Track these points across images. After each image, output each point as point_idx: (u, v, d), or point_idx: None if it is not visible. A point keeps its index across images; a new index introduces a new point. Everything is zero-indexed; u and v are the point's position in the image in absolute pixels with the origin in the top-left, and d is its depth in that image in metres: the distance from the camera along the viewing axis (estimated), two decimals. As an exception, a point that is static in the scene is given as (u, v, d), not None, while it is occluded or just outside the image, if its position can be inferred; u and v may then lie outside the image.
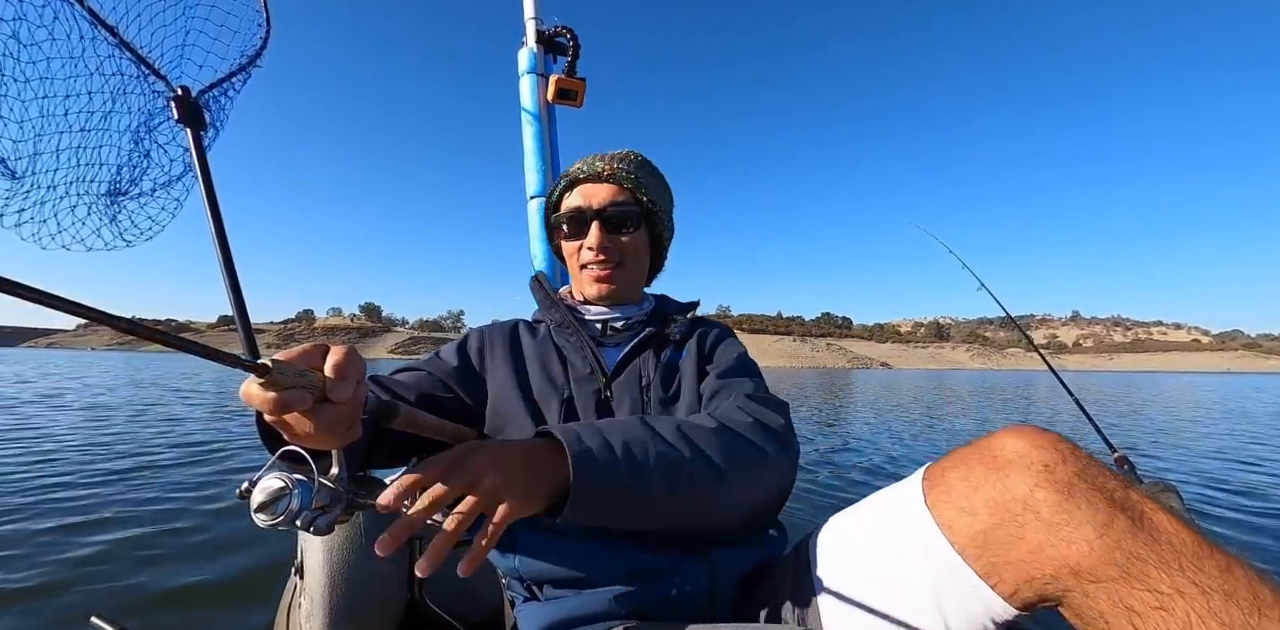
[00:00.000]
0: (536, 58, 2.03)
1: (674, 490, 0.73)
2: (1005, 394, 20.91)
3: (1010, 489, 0.59)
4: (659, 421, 0.81)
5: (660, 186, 1.15)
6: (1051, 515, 0.56)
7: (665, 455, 0.74)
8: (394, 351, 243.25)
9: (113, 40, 1.54)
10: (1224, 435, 8.62)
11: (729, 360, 1.08)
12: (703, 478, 0.76)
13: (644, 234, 1.11)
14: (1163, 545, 0.51)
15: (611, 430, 0.75)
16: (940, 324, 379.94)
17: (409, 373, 1.06)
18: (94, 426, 6.92)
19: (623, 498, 0.70)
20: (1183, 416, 12.00)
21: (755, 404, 0.93)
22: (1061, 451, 0.60)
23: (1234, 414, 12.78)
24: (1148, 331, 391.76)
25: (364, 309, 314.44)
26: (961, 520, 0.62)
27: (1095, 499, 0.55)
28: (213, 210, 1.56)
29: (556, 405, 1.00)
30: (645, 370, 1.05)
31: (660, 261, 1.21)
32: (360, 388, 0.62)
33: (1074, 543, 0.54)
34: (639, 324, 1.13)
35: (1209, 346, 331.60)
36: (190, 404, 10.13)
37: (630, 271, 1.12)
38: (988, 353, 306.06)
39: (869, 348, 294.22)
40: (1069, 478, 0.57)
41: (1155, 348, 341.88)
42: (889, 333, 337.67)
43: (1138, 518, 0.54)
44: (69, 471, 4.38)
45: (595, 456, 0.69)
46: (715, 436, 0.81)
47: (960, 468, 0.66)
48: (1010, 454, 0.62)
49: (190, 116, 1.57)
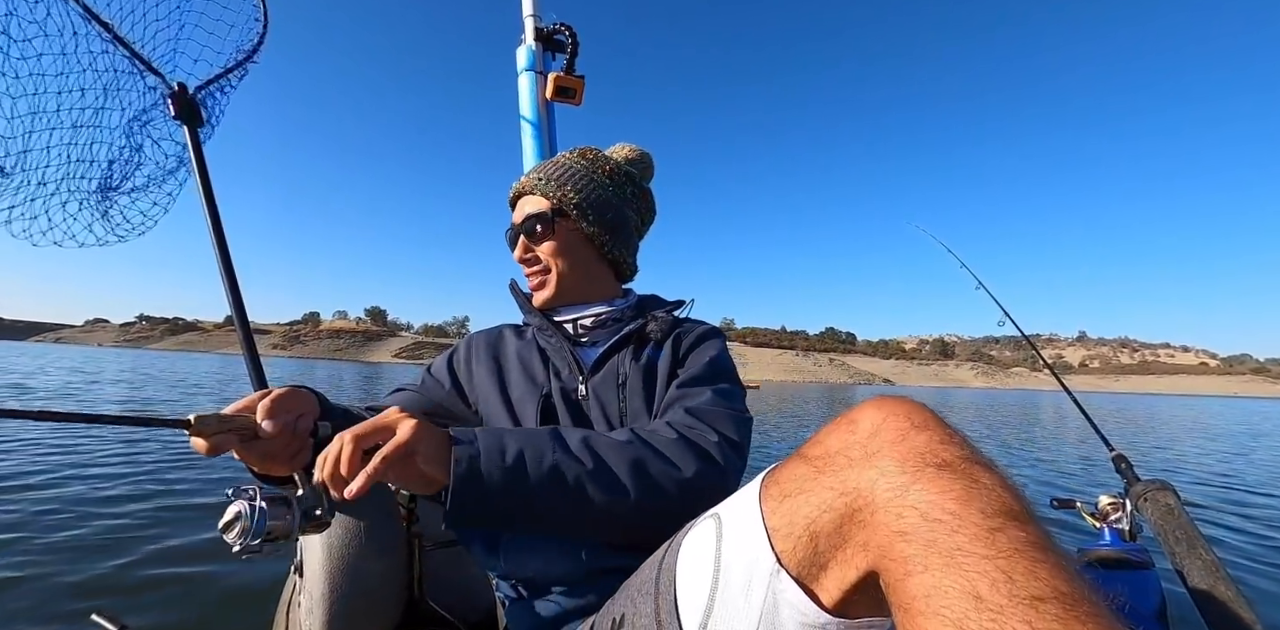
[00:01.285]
0: (535, 55, 2.04)
1: (564, 500, 0.76)
2: (1005, 412, 20.78)
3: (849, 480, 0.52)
4: (570, 433, 0.84)
5: (590, 181, 1.12)
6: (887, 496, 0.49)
7: (559, 466, 0.77)
8: (398, 356, 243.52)
9: (107, 36, 1.54)
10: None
11: (697, 366, 1.05)
12: (601, 490, 0.77)
13: (568, 235, 1.11)
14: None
15: (514, 438, 0.79)
16: (946, 342, 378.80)
17: (400, 394, 1.16)
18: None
19: (501, 501, 0.74)
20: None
21: (692, 418, 0.92)
22: (907, 425, 0.53)
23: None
24: (1155, 353, 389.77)
25: (369, 312, 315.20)
26: (783, 517, 0.55)
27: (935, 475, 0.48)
28: (210, 206, 1.56)
29: (534, 405, 1.03)
30: (623, 368, 1.05)
31: (614, 257, 1.16)
32: (303, 420, 0.78)
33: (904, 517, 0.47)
34: (614, 321, 1.13)
35: (1216, 370, 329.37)
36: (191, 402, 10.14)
37: (566, 275, 1.11)
38: (992, 371, 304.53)
39: (872, 364, 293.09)
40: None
41: (1162, 370, 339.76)
42: (893, 349, 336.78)
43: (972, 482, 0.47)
44: (70, 471, 4.37)
45: (479, 460, 0.74)
46: (622, 451, 0.82)
47: (788, 466, 0.59)
48: (835, 445, 0.56)
49: (187, 113, 1.56)
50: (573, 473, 0.77)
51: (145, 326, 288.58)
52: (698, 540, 0.61)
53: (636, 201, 1.19)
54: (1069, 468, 7.62)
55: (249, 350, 1.63)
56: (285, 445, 0.76)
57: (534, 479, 0.75)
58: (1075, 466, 7.74)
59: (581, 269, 1.13)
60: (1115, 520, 1.32)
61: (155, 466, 4.64)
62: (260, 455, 0.75)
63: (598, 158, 1.16)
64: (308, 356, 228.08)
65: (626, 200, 1.16)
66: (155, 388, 13.95)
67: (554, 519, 0.77)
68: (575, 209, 1.09)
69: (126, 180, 1.56)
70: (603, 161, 1.16)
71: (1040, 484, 6.29)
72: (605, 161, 1.16)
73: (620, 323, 1.13)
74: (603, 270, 1.17)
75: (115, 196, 1.54)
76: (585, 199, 1.10)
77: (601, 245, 1.13)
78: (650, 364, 1.06)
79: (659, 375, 1.05)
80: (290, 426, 0.76)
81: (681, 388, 1.01)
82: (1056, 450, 9.35)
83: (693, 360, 1.07)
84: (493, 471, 0.73)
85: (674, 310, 1.17)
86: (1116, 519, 1.32)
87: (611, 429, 1.01)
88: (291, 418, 0.77)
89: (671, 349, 1.08)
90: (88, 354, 48.18)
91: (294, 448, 0.77)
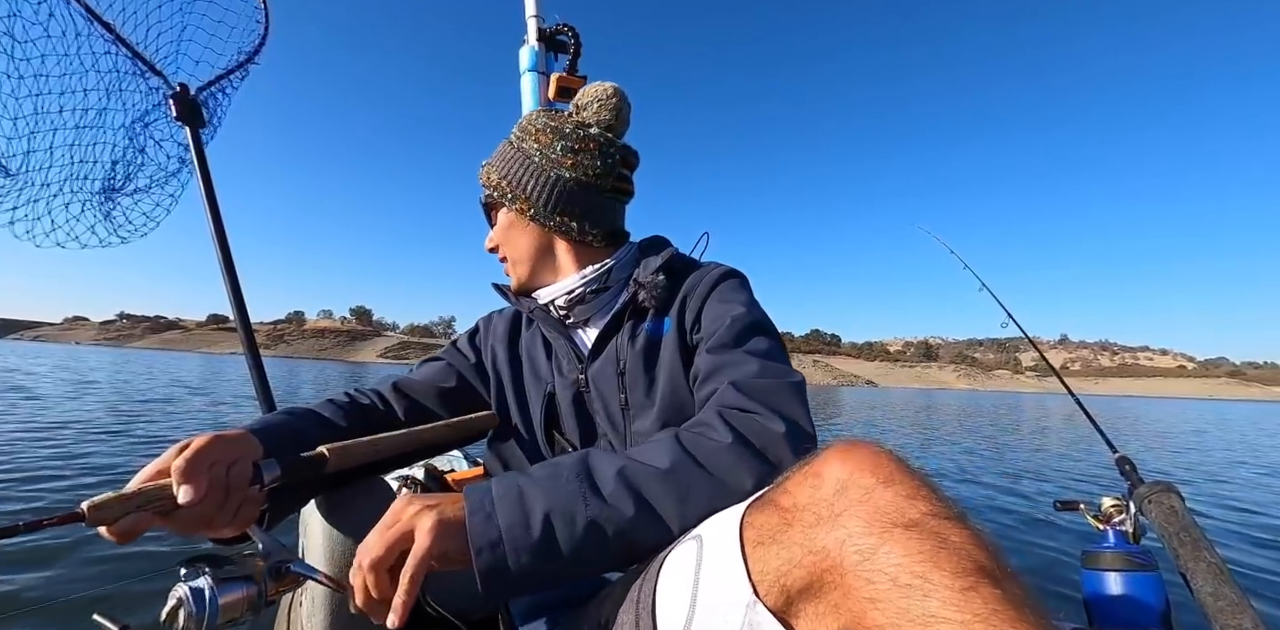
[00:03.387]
0: (538, 56, 2.04)
1: (604, 557, 0.65)
2: (990, 414, 21.02)
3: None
4: (602, 464, 0.69)
5: (515, 154, 1.01)
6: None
7: (596, 522, 0.64)
8: (383, 356, 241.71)
9: (109, 37, 1.53)
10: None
11: (724, 324, 0.89)
12: (643, 538, 0.65)
13: (506, 219, 1.04)
14: None
15: (539, 494, 0.65)
16: (930, 344, 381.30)
17: (430, 364, 1.12)
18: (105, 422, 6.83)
19: (536, 580, 0.63)
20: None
21: (747, 398, 0.76)
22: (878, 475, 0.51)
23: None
24: (1134, 356, 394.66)
25: (355, 312, 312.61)
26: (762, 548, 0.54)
27: None
28: (211, 207, 1.55)
29: (540, 400, 1.00)
30: (621, 351, 0.95)
31: (557, 225, 1.00)
32: (236, 468, 0.68)
33: None
34: (595, 293, 1.01)
35: (1194, 373, 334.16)
36: (193, 398, 10.02)
37: (517, 260, 1.05)
38: (974, 373, 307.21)
39: (856, 365, 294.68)
40: None
41: (1141, 372, 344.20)
42: (877, 351, 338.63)
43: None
44: (67, 470, 4.30)
45: (502, 546, 0.61)
46: (666, 482, 0.67)
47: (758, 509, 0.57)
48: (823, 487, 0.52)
49: (189, 114, 1.56)
50: (613, 526, 0.64)
51: (126, 324, 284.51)
52: (680, 560, 0.58)
53: (581, 156, 0.99)
54: (1062, 467, 7.72)
55: (251, 351, 1.62)
56: (217, 506, 0.66)
57: (568, 548, 0.63)
58: (1069, 465, 7.85)
59: (531, 251, 1.03)
60: (1119, 522, 1.34)
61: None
62: (191, 524, 0.66)
63: (533, 121, 1.02)
64: (292, 356, 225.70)
65: (555, 161, 0.98)
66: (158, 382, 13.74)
67: (597, 570, 0.66)
68: (496, 190, 1.02)
69: (129, 181, 1.55)
70: (534, 124, 1.02)
71: (1040, 481, 6.38)
72: (539, 122, 1.01)
73: (606, 291, 1.02)
74: (556, 244, 1.03)
75: (118, 198, 1.53)
76: (506, 177, 1.01)
77: (538, 219, 1.00)
78: (650, 342, 0.94)
79: (662, 354, 0.93)
80: (220, 482, 0.66)
81: (714, 353, 0.87)
82: (1054, 455, 9.43)
83: (714, 317, 0.91)
84: (520, 555, 0.61)
85: (669, 264, 0.99)
86: (1120, 521, 1.34)
87: (614, 426, 0.96)
88: (220, 471, 0.66)
89: (678, 316, 0.94)
90: (70, 352, 47.36)
91: (233, 504, 0.67)
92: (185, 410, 9.27)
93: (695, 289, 0.96)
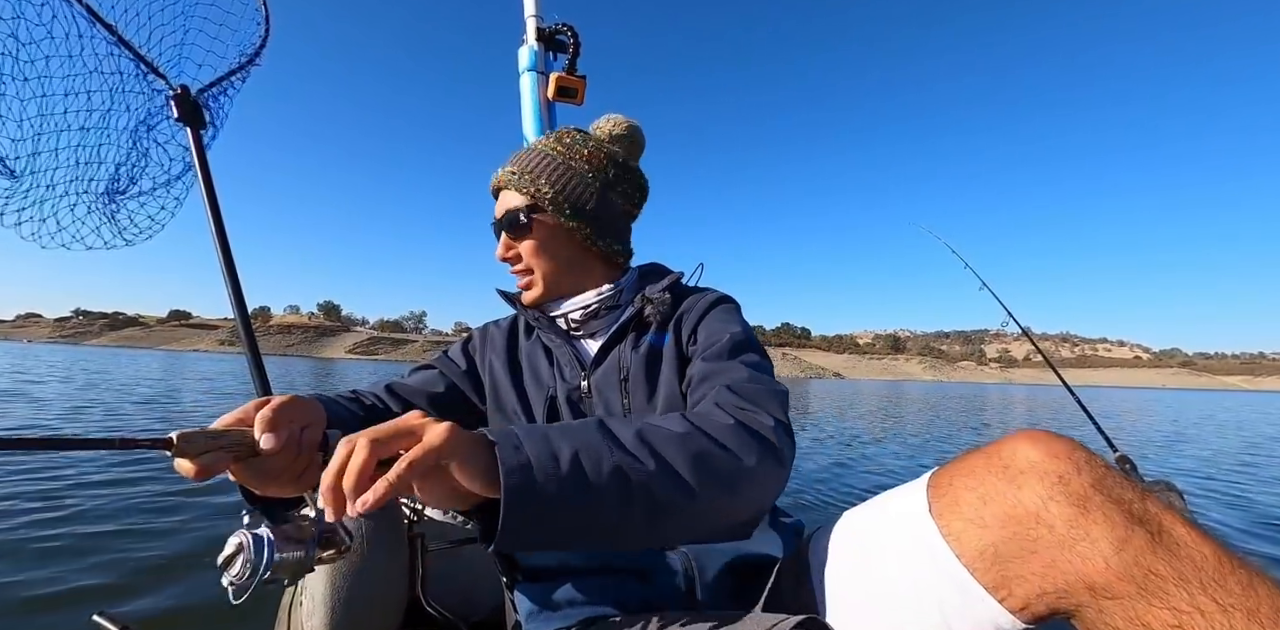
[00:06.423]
0: (537, 55, 2.04)
1: (627, 509, 0.63)
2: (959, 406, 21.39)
3: (1022, 501, 0.57)
4: (619, 425, 0.70)
5: (567, 170, 1.04)
6: (1066, 530, 0.54)
7: (620, 469, 0.63)
8: (352, 351, 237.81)
9: (111, 38, 1.53)
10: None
11: (718, 337, 0.96)
12: (664, 496, 0.65)
13: (547, 232, 1.05)
14: (1182, 560, 0.50)
15: (564, 438, 0.64)
16: (898, 337, 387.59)
17: (422, 372, 1.13)
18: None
19: (563, 518, 0.61)
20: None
21: (740, 398, 0.81)
22: (1076, 461, 0.57)
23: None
24: (1094, 348, 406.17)
25: (322, 307, 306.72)
26: (970, 532, 0.60)
27: (1112, 512, 0.53)
28: (212, 209, 1.56)
29: (542, 404, 1.02)
30: (624, 360, 1.00)
31: (600, 247, 1.07)
32: (309, 431, 0.68)
33: (1089, 559, 0.52)
34: (609, 309, 1.07)
35: (1148, 363, 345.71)
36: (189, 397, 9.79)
37: (550, 273, 1.06)
38: (939, 365, 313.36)
39: (825, 358, 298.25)
40: (1084, 490, 0.55)
41: (1099, 363, 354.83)
42: (847, 344, 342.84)
43: (1156, 532, 0.52)
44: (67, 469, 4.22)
45: (532, 469, 0.59)
46: (683, 444, 0.68)
47: (969, 476, 0.63)
48: (1022, 463, 0.59)
49: (190, 115, 1.57)
50: (636, 476, 0.63)
51: (82, 321, 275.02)
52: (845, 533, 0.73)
53: (622, 184, 1.09)
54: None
55: (251, 352, 1.64)
56: (289, 462, 0.66)
57: (595, 488, 0.61)
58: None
59: (566, 264, 1.06)
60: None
61: (155, 461, 4.48)
62: (260, 475, 0.65)
63: (575, 141, 1.08)
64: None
65: (609, 184, 1.07)
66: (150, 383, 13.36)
67: (615, 534, 0.65)
68: (551, 203, 1.02)
69: (134, 184, 1.55)
70: (580, 145, 1.07)
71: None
72: (583, 144, 1.07)
73: (616, 309, 1.07)
74: (590, 261, 1.09)
75: (122, 201, 1.53)
76: (561, 191, 1.02)
77: (585, 238, 1.05)
78: (653, 352, 1.00)
79: (663, 363, 0.98)
80: (295, 440, 0.65)
81: (709, 361, 0.93)
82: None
83: (709, 333, 0.99)
84: (548, 483, 0.59)
85: (672, 286, 1.07)
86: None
87: None
88: (295, 429, 0.66)
89: (675, 330, 1.01)
90: (24, 351, 45.71)
91: (300, 465, 0.67)
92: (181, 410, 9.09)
93: (694, 308, 1.04)
